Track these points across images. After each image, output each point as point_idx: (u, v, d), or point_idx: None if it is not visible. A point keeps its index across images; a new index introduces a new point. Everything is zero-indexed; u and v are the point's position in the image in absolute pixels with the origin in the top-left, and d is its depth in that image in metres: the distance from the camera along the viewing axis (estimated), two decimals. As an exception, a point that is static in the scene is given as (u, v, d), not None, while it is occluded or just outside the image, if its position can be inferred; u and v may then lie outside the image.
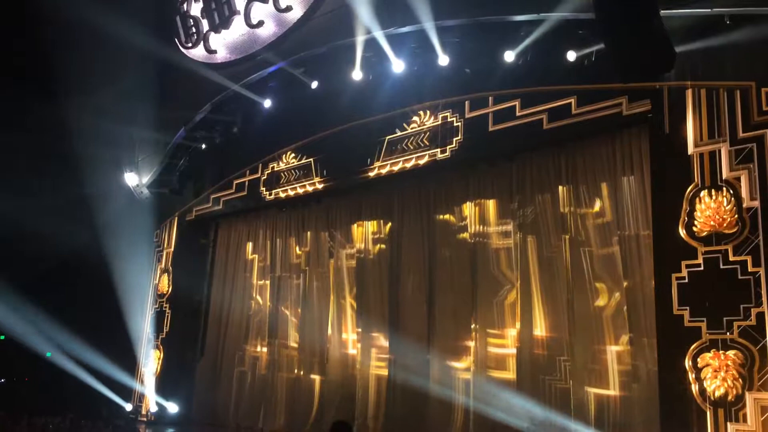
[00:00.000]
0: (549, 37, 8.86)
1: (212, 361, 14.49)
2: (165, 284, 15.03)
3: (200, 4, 13.19)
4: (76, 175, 13.83)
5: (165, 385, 14.45)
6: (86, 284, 14.32)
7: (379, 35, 10.15)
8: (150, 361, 14.75)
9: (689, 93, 7.94)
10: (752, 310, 7.08)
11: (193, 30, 13.36)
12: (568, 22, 8.66)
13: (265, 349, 13.57)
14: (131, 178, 14.73)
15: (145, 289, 15.25)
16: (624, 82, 8.36)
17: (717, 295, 7.35)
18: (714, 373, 7.24)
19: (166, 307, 14.88)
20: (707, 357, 7.32)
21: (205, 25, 13.13)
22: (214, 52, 12.97)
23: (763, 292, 7.04)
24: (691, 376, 7.39)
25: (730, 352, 7.17)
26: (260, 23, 12.02)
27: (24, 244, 13.75)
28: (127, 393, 14.70)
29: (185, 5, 13.54)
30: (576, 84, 9.08)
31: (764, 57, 7.46)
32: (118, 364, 14.35)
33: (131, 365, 14.79)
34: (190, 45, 13.44)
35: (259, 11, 12.05)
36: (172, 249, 15.22)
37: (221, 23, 12.75)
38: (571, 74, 9.08)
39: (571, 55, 8.92)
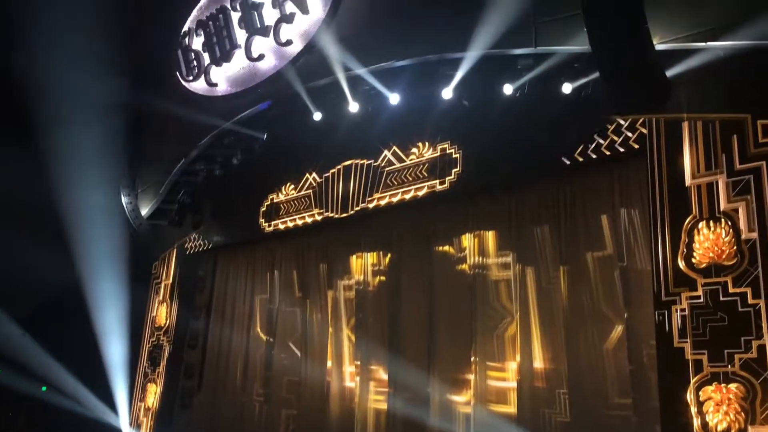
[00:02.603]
0: (545, 70, 8.95)
1: (210, 395, 14.31)
2: (162, 317, 14.93)
3: (202, 39, 13.37)
4: (73, 206, 13.79)
5: (162, 420, 14.27)
6: (82, 317, 14.22)
7: (374, 70, 10.31)
8: (146, 395, 14.60)
9: (685, 125, 7.96)
10: (753, 342, 6.99)
11: (195, 63, 13.51)
12: (565, 55, 8.75)
13: (264, 383, 13.41)
14: (129, 210, 14.71)
15: (142, 322, 15.14)
16: (620, 114, 8.41)
17: (717, 327, 7.28)
18: (716, 407, 7.14)
19: (163, 340, 14.77)
20: (709, 390, 7.22)
21: (206, 58, 13.28)
22: (215, 84, 13.09)
23: (764, 324, 6.96)
24: (693, 410, 7.28)
25: (732, 386, 7.08)
26: (261, 56, 12.15)
27: (19, 277, 13.68)
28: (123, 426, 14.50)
29: (187, 39, 13.72)
30: (572, 116, 9.11)
31: (758, 89, 7.50)
32: (112, 397, 14.19)
33: (127, 399, 14.63)
34: (191, 78, 13.57)
35: (259, 45, 12.19)
36: (170, 281, 15.16)
37: (222, 57, 12.90)
38: (567, 106, 9.12)
39: (567, 87, 8.97)
